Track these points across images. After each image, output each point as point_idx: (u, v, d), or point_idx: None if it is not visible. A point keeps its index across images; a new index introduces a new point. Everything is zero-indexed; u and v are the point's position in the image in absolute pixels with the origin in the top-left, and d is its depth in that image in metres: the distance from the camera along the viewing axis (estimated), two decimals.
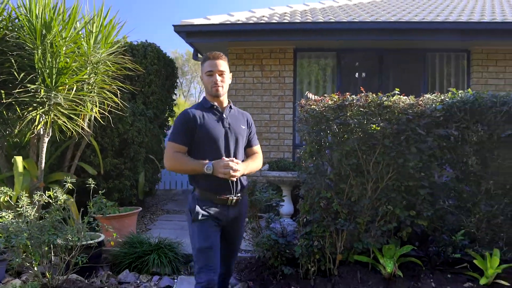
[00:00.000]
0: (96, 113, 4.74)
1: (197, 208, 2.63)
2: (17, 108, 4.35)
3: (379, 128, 3.48)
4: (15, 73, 4.11)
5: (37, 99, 4.16)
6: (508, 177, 3.72)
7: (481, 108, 3.65)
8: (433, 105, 3.66)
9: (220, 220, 2.68)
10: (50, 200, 3.72)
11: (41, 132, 4.49)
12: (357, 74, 7.85)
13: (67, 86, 4.33)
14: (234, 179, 2.58)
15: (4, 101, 4.21)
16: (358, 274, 3.66)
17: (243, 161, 2.78)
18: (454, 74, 7.34)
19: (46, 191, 3.78)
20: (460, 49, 7.15)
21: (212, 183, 2.61)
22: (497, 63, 7.01)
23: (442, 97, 3.74)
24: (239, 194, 2.72)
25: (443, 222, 3.76)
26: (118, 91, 4.91)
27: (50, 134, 4.62)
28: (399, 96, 3.66)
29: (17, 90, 4.04)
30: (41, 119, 4.29)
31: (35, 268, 3.58)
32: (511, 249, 3.80)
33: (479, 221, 3.69)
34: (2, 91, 4.24)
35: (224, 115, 2.74)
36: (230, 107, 2.83)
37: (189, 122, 2.64)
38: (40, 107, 4.20)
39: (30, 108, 4.23)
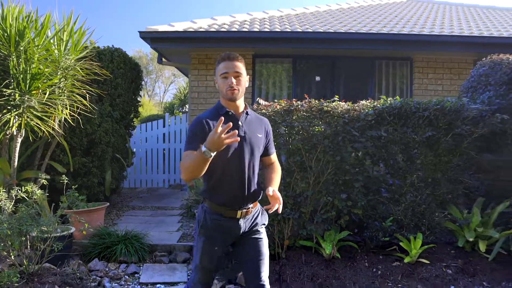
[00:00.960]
0: (66, 114, 5.09)
1: (205, 222, 2.55)
2: None
3: (320, 129, 4.04)
4: None
5: (12, 103, 4.49)
6: (429, 172, 4.38)
7: (407, 113, 4.28)
8: (367, 110, 4.25)
9: (230, 234, 2.58)
10: (25, 196, 4.07)
11: (15, 133, 4.81)
12: (311, 79, 8.45)
13: (40, 90, 4.68)
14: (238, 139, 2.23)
15: None
16: (303, 257, 4.21)
17: (260, 170, 2.68)
18: (399, 79, 8.06)
19: (18, 188, 4.12)
20: (404, 58, 7.87)
21: (221, 196, 2.51)
22: (436, 71, 7.78)
23: (375, 103, 4.34)
24: (250, 206, 2.57)
25: (375, 211, 4.37)
26: (87, 94, 5.27)
27: (23, 135, 4.94)
28: (338, 102, 4.23)
29: None
30: (15, 121, 4.61)
31: (12, 257, 3.93)
32: (432, 233, 4.47)
33: (405, 210, 4.32)
34: None
35: (239, 123, 2.54)
36: (247, 113, 2.62)
37: (203, 129, 2.45)
38: (14, 110, 4.53)
39: (5, 111, 4.54)
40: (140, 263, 4.75)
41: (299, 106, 4.10)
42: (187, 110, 16.05)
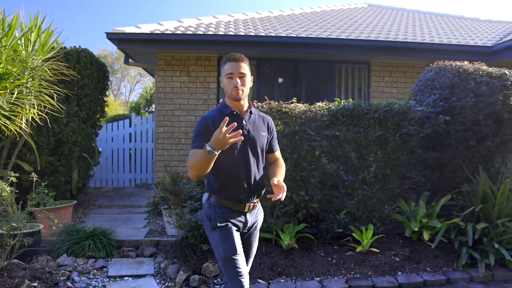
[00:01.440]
0: (34, 114, 5.20)
1: (215, 215, 2.59)
2: None
3: (280, 129, 4.34)
4: None
5: None
6: (380, 169, 4.76)
7: (359, 114, 4.64)
8: (322, 111, 4.59)
9: (238, 227, 2.63)
10: None
11: None
12: (275, 80, 8.76)
13: (8, 90, 4.78)
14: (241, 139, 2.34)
15: None
16: (264, 248, 4.50)
17: (264, 168, 2.73)
18: (357, 82, 8.48)
19: None
20: (362, 61, 8.30)
21: (228, 190, 2.57)
22: (391, 74, 8.24)
23: (330, 105, 4.68)
24: (255, 200, 2.67)
25: (330, 205, 4.71)
26: (55, 94, 5.38)
27: None
28: (296, 103, 4.55)
29: None
30: None
31: None
32: (382, 225, 4.85)
33: (358, 203, 4.69)
34: None
35: (244, 122, 2.62)
36: (250, 112, 2.70)
37: (208, 128, 2.51)
38: None
39: None
40: (108, 258, 4.92)
41: (260, 107, 4.38)
42: (153, 110, 16.10)
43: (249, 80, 2.63)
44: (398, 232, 5.09)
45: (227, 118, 2.26)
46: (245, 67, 2.60)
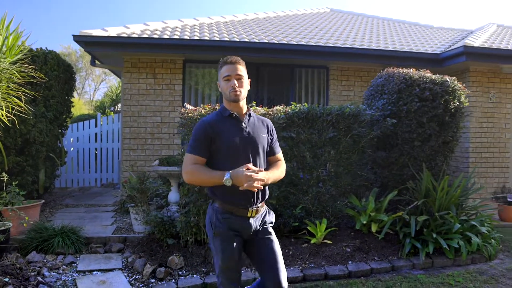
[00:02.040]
0: (2, 115, 5.33)
1: (217, 220, 2.62)
2: None
3: None
4: None
5: None
6: (332, 167, 5.18)
7: (313, 117, 5.04)
8: (279, 114, 4.96)
9: (241, 233, 2.64)
10: None
11: None
12: None
13: None
14: (256, 190, 2.47)
15: None
16: None
17: (265, 169, 2.68)
18: (316, 85, 8.92)
19: None
20: (321, 66, 8.75)
21: (231, 195, 2.55)
22: (348, 78, 8.73)
23: (287, 109, 5.06)
24: (259, 205, 2.67)
25: (287, 201, 5.09)
26: (22, 96, 5.53)
27: None
28: (255, 107, 4.90)
29: None
30: None
31: None
32: (335, 218, 5.28)
33: (312, 199, 5.09)
34: None
35: (243, 124, 2.66)
36: (249, 115, 2.75)
37: (207, 132, 2.57)
38: None
39: None
40: (77, 254, 5.14)
41: None
42: (119, 109, 16.13)
43: (246, 82, 2.69)
44: (350, 226, 5.53)
45: (250, 164, 2.47)
46: (242, 69, 2.65)
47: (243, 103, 2.69)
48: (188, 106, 4.93)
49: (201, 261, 4.62)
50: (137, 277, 4.50)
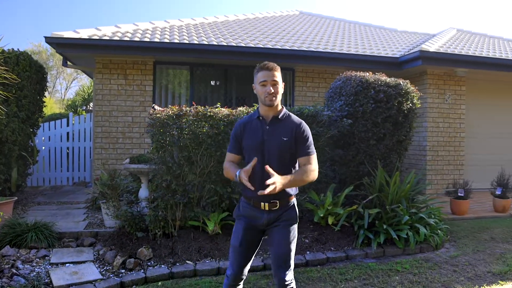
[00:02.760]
0: None
1: (238, 208, 2.95)
2: None
3: (205, 130, 5.01)
4: None
5: None
6: None
7: None
8: (242, 115, 5.30)
9: (256, 223, 2.84)
10: None
11: None
12: (207, 84, 9.42)
13: None
14: (253, 188, 2.55)
15: None
16: (192, 234, 5.16)
17: (287, 173, 2.71)
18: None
19: None
20: (287, 68, 9.14)
21: (248, 189, 2.65)
22: (313, 80, 9.16)
23: (249, 109, 5.40)
24: (273, 201, 2.76)
25: None
26: None
27: None
28: (220, 108, 5.23)
29: None
30: None
31: None
32: None
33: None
34: None
35: (266, 126, 2.80)
36: (279, 118, 2.83)
37: (237, 132, 2.87)
38: None
39: None
40: (49, 249, 5.35)
41: (188, 111, 5.03)
42: (91, 108, 16.18)
43: (281, 87, 2.80)
44: (310, 219, 5.92)
45: (256, 158, 2.65)
46: (278, 75, 2.77)
47: (277, 106, 2.83)
48: (156, 107, 5.22)
49: (168, 252, 4.92)
50: (108, 268, 4.77)
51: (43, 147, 10.15)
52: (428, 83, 9.20)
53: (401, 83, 6.27)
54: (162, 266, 4.70)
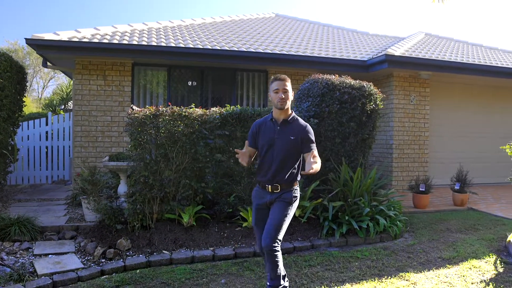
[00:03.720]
0: None
1: (254, 192, 3.75)
2: None
3: (180, 129, 5.38)
4: None
5: None
6: None
7: (245, 117, 5.81)
8: (215, 115, 5.69)
9: (263, 202, 3.62)
10: None
11: None
12: (185, 84, 9.77)
13: None
14: (246, 165, 3.57)
15: None
16: (168, 226, 5.52)
17: (291, 163, 3.54)
18: (257, 88, 9.73)
19: None
20: (260, 70, 9.56)
21: (259, 174, 3.63)
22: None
23: (222, 110, 5.80)
24: (275, 185, 3.52)
25: (223, 190, 5.84)
26: None
27: None
28: (194, 108, 5.61)
29: None
30: None
31: None
32: None
33: (244, 188, 5.85)
34: None
35: (277, 127, 3.55)
36: (288, 120, 3.58)
37: (254, 131, 3.65)
38: None
39: None
40: (32, 241, 5.63)
41: (164, 111, 5.39)
42: (70, 108, 16.31)
43: (290, 95, 3.54)
44: None
45: (248, 141, 3.66)
46: (288, 85, 3.51)
47: (287, 110, 3.56)
48: (134, 107, 5.56)
49: (146, 243, 5.27)
50: (89, 258, 5.09)
51: (22, 146, 10.30)
52: (394, 85, 9.73)
53: (365, 85, 6.73)
54: (140, 255, 5.05)
